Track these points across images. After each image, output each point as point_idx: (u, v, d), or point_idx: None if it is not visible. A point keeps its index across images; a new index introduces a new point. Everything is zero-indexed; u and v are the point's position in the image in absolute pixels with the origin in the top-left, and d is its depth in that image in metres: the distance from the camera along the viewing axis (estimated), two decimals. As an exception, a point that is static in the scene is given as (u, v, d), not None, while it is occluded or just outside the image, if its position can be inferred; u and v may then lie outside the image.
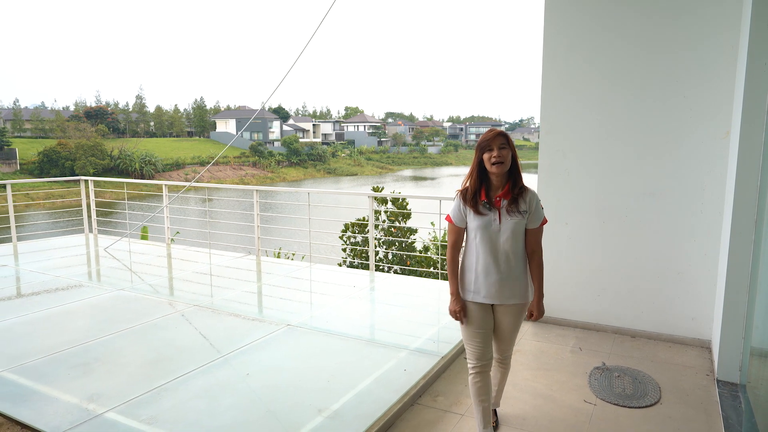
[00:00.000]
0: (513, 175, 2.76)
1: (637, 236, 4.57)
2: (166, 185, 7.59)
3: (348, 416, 3.10)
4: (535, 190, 2.84)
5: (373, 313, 5.29)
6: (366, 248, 11.44)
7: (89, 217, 8.32)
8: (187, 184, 7.11)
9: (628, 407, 3.47)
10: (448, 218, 2.91)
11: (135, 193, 18.17)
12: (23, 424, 2.98)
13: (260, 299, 5.66)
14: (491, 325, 2.93)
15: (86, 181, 8.32)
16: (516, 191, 2.75)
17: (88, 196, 8.30)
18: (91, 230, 8.42)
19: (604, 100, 4.56)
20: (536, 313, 2.91)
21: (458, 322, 2.93)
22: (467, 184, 2.84)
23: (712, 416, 3.38)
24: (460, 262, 2.94)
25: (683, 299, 4.49)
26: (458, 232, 2.89)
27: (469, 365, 2.95)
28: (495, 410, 3.28)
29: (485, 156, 2.71)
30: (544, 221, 2.87)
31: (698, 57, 4.19)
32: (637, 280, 4.63)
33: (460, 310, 2.88)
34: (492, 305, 2.91)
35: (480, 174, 2.77)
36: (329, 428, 2.97)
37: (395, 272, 10.86)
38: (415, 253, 11.51)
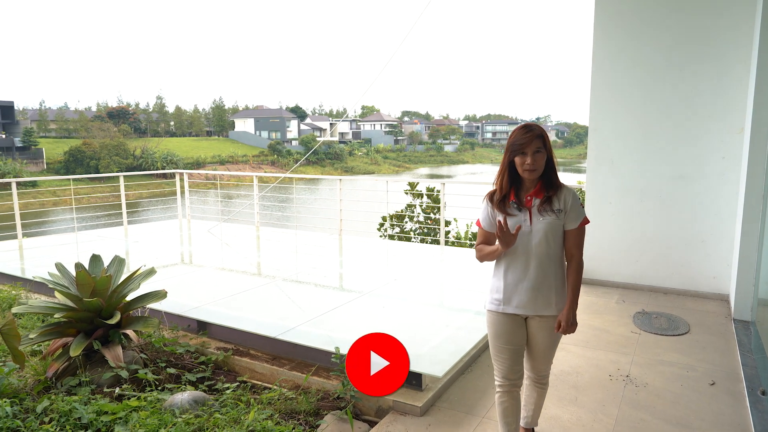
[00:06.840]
0: (547, 172, 2.50)
1: (669, 212, 5.68)
2: (256, 176, 8.87)
3: (468, 329, 4.32)
4: (576, 187, 2.88)
5: (455, 275, 6.44)
6: (432, 227, 12.76)
7: (183, 205, 9.62)
8: (281, 175, 8.38)
9: (665, 335, 4.64)
10: (478, 223, 2.67)
11: (159, 185, 19.33)
12: (242, 331, 4.20)
13: (363, 264, 6.87)
14: (523, 340, 2.64)
15: (181, 174, 9.63)
16: (550, 191, 2.50)
17: (182, 187, 9.59)
18: (185, 216, 9.72)
19: (641, 102, 5.69)
20: (564, 324, 2.53)
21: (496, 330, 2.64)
22: (495, 186, 2.60)
23: (729, 341, 4.54)
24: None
25: (706, 262, 5.60)
26: (488, 237, 2.62)
27: (496, 382, 2.70)
28: (533, 429, 3.03)
29: (517, 160, 2.45)
30: (585, 221, 2.56)
31: (718, 69, 5.31)
32: (668, 247, 5.74)
33: (500, 226, 2.42)
34: (525, 318, 2.62)
35: (511, 175, 2.51)
36: (457, 337, 4.17)
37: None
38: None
